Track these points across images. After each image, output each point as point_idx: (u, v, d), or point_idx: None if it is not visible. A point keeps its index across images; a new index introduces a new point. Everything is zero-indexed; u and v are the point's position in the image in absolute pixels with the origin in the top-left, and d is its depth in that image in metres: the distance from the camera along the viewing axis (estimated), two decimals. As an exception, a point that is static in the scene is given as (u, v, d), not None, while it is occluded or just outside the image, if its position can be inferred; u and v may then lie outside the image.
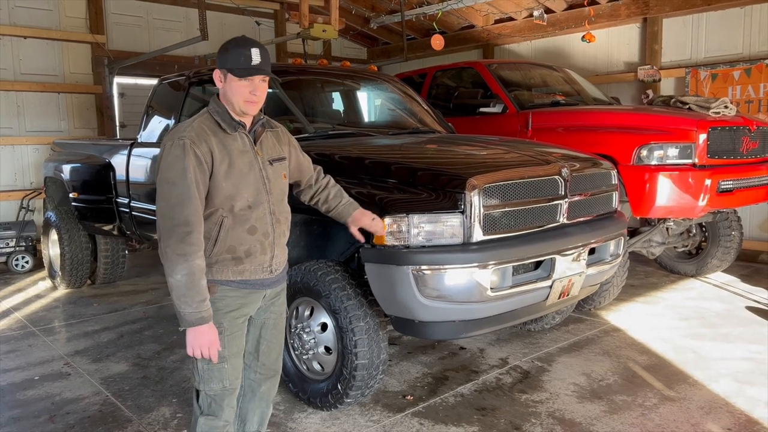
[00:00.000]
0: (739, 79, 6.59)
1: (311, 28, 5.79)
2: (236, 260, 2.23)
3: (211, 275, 2.20)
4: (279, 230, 2.34)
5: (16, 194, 7.29)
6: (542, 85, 6.32)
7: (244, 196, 2.20)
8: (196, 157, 2.10)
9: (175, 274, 2.06)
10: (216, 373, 2.27)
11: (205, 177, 2.12)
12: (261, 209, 2.25)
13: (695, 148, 4.57)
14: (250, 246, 2.24)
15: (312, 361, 3.30)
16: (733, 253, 5.75)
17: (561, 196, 3.22)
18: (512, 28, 8.51)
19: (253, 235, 2.24)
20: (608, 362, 3.93)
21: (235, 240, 2.21)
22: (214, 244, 2.19)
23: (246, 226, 2.22)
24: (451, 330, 3.07)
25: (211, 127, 2.20)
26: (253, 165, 2.24)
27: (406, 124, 4.84)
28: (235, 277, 2.25)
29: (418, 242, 2.85)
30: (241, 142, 2.25)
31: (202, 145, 2.12)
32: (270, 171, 2.30)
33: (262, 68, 2.20)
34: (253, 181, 2.23)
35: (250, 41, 2.23)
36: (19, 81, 7.26)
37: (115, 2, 7.99)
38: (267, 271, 2.32)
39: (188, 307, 2.07)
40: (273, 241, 2.31)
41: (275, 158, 2.35)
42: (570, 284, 3.28)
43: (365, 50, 10.78)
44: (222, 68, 2.21)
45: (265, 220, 2.27)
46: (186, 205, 2.08)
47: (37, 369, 4.03)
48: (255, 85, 2.21)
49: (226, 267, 2.23)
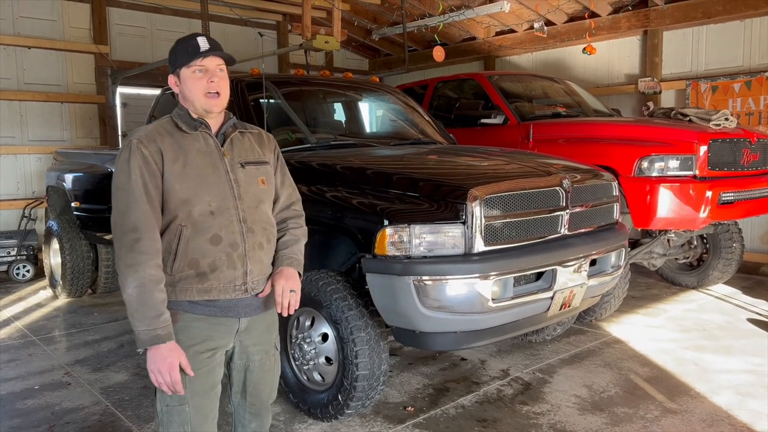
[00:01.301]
0: (739, 92, 6.61)
1: (314, 40, 5.82)
2: (201, 276, 1.96)
3: (174, 295, 1.95)
4: (253, 241, 2.03)
5: (18, 203, 7.31)
6: (543, 96, 6.35)
7: (205, 200, 1.95)
8: (143, 156, 1.89)
9: (126, 287, 1.84)
10: (176, 417, 1.99)
11: (155, 179, 1.91)
12: (226, 216, 1.98)
13: (696, 160, 4.58)
14: (214, 258, 1.96)
15: (312, 372, 3.30)
16: (734, 265, 5.74)
17: (562, 207, 3.23)
18: (513, 40, 8.55)
19: (217, 246, 1.96)
20: (609, 374, 3.91)
21: (196, 251, 1.95)
22: (174, 258, 1.94)
23: (208, 235, 1.95)
24: (452, 341, 3.07)
25: (168, 129, 2.00)
26: (217, 166, 2.00)
27: (407, 134, 4.86)
28: (201, 297, 1.97)
29: (420, 253, 2.86)
30: (204, 142, 2.01)
31: (150, 144, 1.92)
32: (240, 174, 2.04)
33: (212, 50, 1.98)
34: (215, 184, 1.97)
35: (195, 34, 2.04)
36: (22, 90, 7.30)
37: (119, 13, 8.05)
38: (240, 290, 2.01)
39: (141, 323, 1.84)
40: (244, 254, 2.00)
41: (250, 161, 2.09)
42: (571, 295, 3.28)
43: (367, 61, 10.84)
44: (174, 71, 2.03)
45: (232, 229, 1.98)
46: (132, 209, 1.87)
47: (37, 378, 4.02)
48: (211, 72, 1.99)
49: (190, 285, 1.96)
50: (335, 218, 3.18)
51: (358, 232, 3.05)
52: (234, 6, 8.00)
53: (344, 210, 3.15)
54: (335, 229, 3.19)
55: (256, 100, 4.16)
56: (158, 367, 1.86)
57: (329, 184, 3.32)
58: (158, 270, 1.88)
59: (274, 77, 4.55)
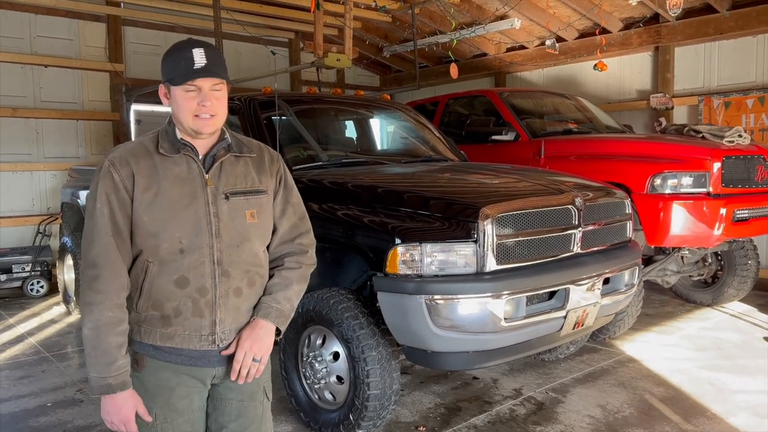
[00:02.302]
0: (752, 107, 6.57)
1: (325, 58, 5.87)
2: (164, 320, 1.74)
3: (140, 336, 1.75)
4: (227, 286, 1.75)
5: (33, 219, 7.39)
6: (554, 112, 6.34)
7: (175, 237, 1.70)
8: (113, 182, 1.68)
9: (83, 326, 1.68)
10: None
11: (124, 208, 1.69)
12: (197, 255, 1.72)
13: (709, 177, 4.55)
14: (179, 303, 1.72)
15: (324, 391, 3.28)
16: (749, 282, 5.67)
17: (575, 226, 3.21)
18: (524, 56, 8.58)
19: (182, 289, 1.72)
20: (624, 394, 3.87)
21: (160, 293, 1.72)
22: (139, 295, 1.73)
23: (174, 276, 1.71)
24: (464, 361, 3.05)
25: (150, 148, 1.76)
26: (195, 197, 1.73)
27: (418, 152, 4.87)
28: (163, 342, 1.74)
29: (431, 271, 2.85)
30: (187, 167, 1.75)
31: (123, 168, 1.70)
32: (223, 206, 1.75)
33: (208, 70, 1.70)
34: (190, 218, 1.71)
35: (192, 42, 1.76)
36: (39, 108, 7.42)
37: (134, 32, 8.17)
38: (207, 341, 1.75)
39: (93, 369, 1.66)
40: (214, 301, 1.74)
41: (237, 191, 1.79)
42: (584, 314, 3.25)
43: (378, 78, 10.91)
44: (164, 82, 1.77)
45: (202, 271, 1.72)
46: (95, 241, 1.67)
47: (50, 395, 4.03)
48: (204, 94, 1.72)
49: (154, 327, 1.74)
50: (346, 236, 3.19)
51: (369, 251, 3.06)
52: (246, 24, 8.09)
53: (355, 228, 3.16)
54: (346, 247, 3.20)
55: (269, 119, 4.19)
56: (111, 418, 1.70)
57: (341, 202, 3.33)
58: (117, 311, 1.68)
59: (286, 95, 4.59)
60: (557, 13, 7.59)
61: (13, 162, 7.29)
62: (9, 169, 7.26)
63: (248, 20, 8.25)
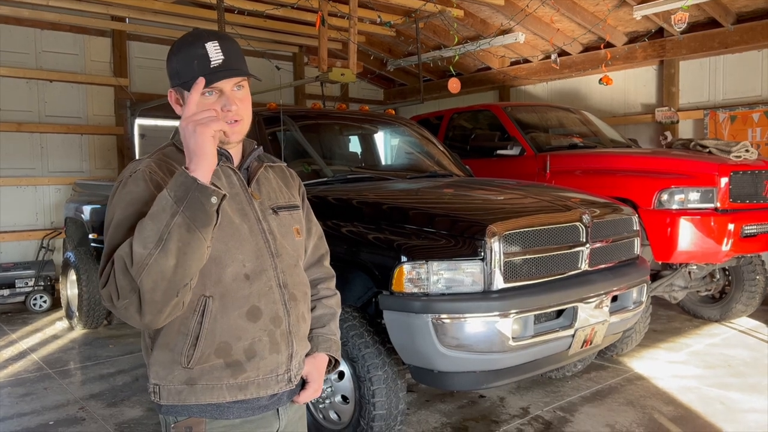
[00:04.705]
0: (758, 121, 6.55)
1: (330, 72, 5.87)
2: (233, 367, 1.42)
3: (194, 397, 1.41)
4: (296, 313, 1.52)
5: (36, 234, 7.38)
6: (559, 126, 6.33)
7: (238, 260, 1.42)
8: (159, 188, 1.34)
9: (162, 264, 1.24)
10: None
11: None
12: (264, 280, 1.46)
13: (717, 192, 4.52)
14: (252, 341, 1.43)
15: (328, 410, 3.24)
16: (758, 297, 5.61)
17: (582, 243, 3.18)
18: (528, 70, 8.58)
19: (256, 323, 1.43)
20: (633, 413, 3.81)
21: (228, 333, 1.41)
22: (194, 344, 1.39)
23: (244, 309, 1.42)
24: (471, 381, 3.00)
25: (178, 160, 1.44)
26: (245, 213, 1.47)
27: (423, 167, 4.85)
28: (233, 397, 1.43)
29: (438, 290, 2.82)
30: (227, 180, 1.47)
31: (167, 176, 1.39)
32: (274, 223, 1.52)
33: (229, 68, 1.40)
34: (249, 238, 1.45)
35: (202, 34, 1.45)
36: (43, 123, 7.43)
37: (139, 47, 8.20)
38: (284, 380, 1.49)
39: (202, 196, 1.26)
40: (288, 330, 1.49)
41: (281, 205, 1.57)
42: (593, 333, 3.21)
43: (382, 92, 10.93)
44: (175, 86, 1.47)
45: (273, 297, 1.46)
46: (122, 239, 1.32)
47: (53, 413, 3.99)
48: (227, 97, 1.40)
49: (218, 381, 1.41)
50: (351, 253, 3.15)
51: (374, 268, 3.02)
52: (251, 39, 8.12)
53: (360, 245, 3.13)
54: (351, 264, 3.16)
55: (273, 134, 4.18)
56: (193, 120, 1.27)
57: (345, 219, 3.30)
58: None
59: (291, 111, 4.59)
60: (562, 28, 7.60)
61: (17, 176, 7.29)
62: (13, 183, 7.26)
63: (252, 35, 8.28)
